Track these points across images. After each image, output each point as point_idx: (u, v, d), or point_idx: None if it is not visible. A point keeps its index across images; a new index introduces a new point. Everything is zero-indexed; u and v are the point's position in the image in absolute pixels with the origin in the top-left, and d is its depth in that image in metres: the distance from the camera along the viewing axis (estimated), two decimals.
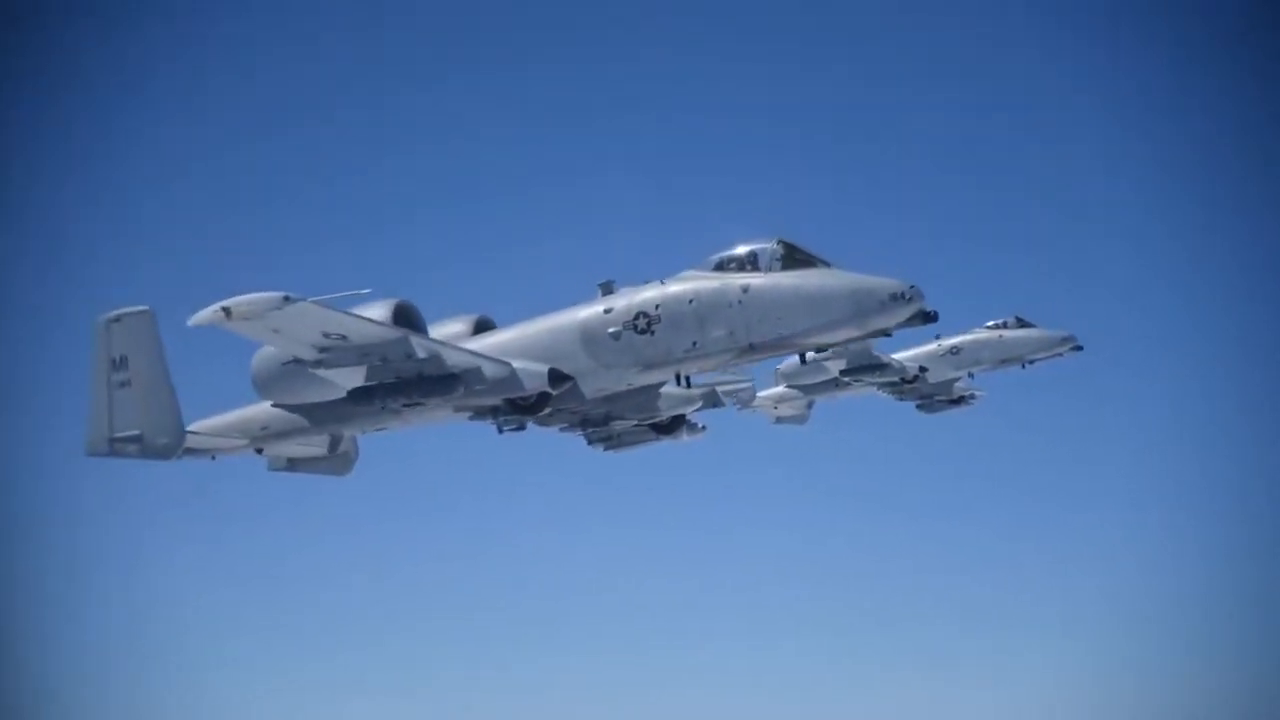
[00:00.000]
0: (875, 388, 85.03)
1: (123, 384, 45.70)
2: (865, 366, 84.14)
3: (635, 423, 47.54)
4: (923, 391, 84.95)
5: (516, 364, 42.56)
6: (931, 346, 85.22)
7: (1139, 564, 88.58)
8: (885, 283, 39.86)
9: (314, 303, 39.55)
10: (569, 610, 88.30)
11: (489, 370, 42.48)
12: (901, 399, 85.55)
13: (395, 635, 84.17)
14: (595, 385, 43.46)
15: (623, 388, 44.10)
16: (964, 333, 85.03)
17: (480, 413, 44.94)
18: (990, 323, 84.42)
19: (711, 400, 47.59)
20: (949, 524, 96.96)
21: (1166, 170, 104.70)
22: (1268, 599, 79.77)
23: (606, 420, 47.24)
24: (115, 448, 45.89)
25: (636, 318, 42.12)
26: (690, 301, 41.54)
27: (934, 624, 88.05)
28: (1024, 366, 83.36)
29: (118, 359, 45.71)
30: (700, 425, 49.89)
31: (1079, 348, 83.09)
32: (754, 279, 40.96)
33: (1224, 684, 74.64)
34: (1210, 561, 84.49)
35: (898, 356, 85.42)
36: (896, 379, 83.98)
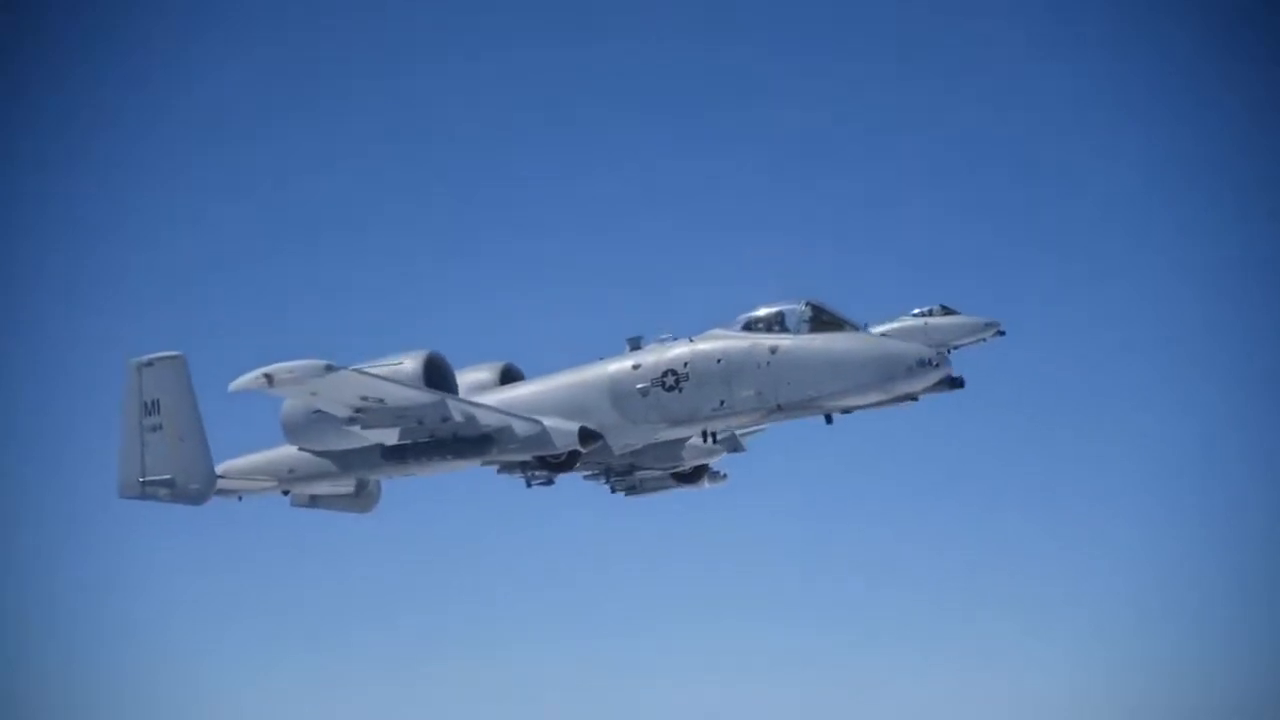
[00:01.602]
0: None
1: (154, 428, 43.99)
2: None
3: (659, 472, 46.42)
4: None
5: (548, 422, 41.22)
6: None
7: (1066, 548, 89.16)
8: (913, 348, 39.07)
9: (354, 371, 39.06)
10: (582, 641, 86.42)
11: (520, 429, 41.23)
12: None
13: (411, 668, 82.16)
14: (623, 440, 42.12)
15: (649, 442, 42.95)
16: (891, 320, 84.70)
17: (509, 467, 43.74)
18: (916, 310, 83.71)
19: (732, 445, 46.51)
20: (882, 507, 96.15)
21: (1100, 157, 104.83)
22: (1197, 583, 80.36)
23: (631, 470, 46.14)
24: (147, 490, 44.21)
25: (665, 375, 40.84)
26: (719, 361, 40.29)
27: (894, 610, 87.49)
28: (950, 352, 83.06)
29: (150, 403, 44.00)
30: (722, 473, 48.75)
31: (1002, 333, 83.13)
32: (782, 340, 39.76)
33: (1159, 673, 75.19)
34: (1138, 545, 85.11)
35: None
36: None
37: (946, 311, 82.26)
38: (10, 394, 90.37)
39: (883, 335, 78.88)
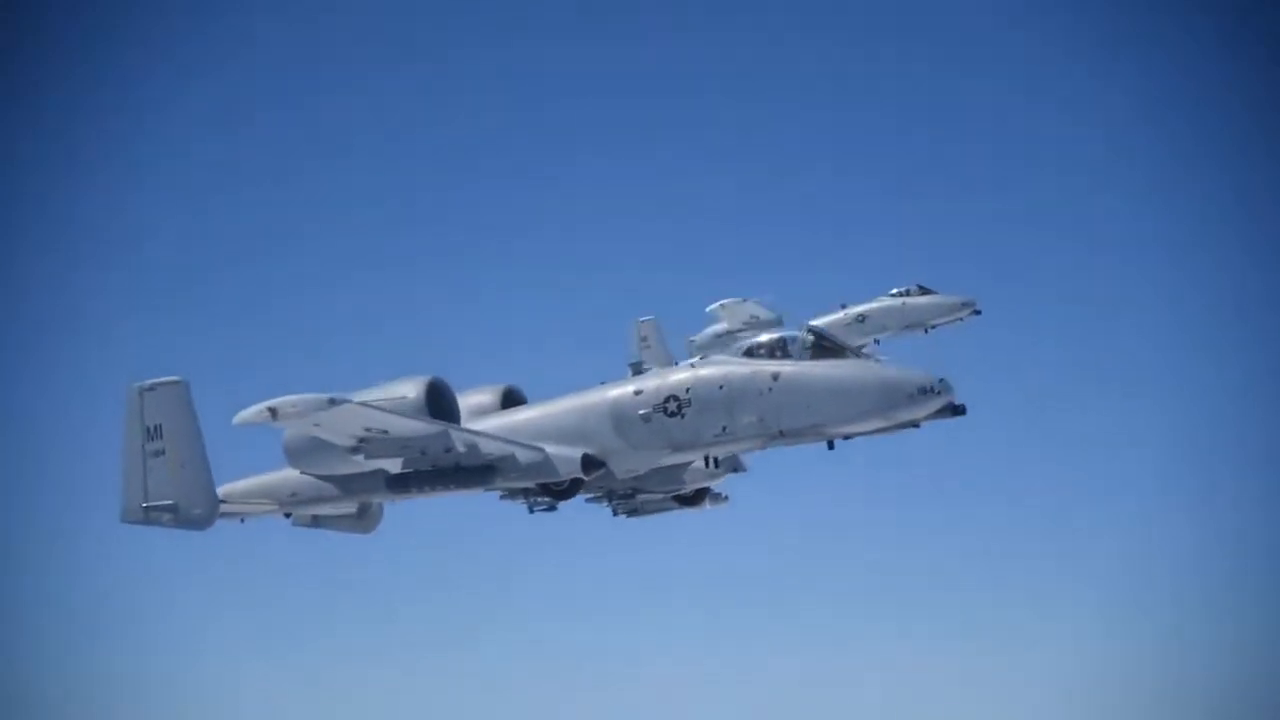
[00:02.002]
0: None
1: (157, 453, 43.12)
2: None
3: (660, 495, 46.13)
4: None
5: (550, 449, 41.02)
6: (839, 315, 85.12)
7: (1034, 524, 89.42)
8: (914, 376, 38.67)
9: (358, 405, 39.02)
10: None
11: (523, 457, 41.03)
12: None
13: (412, 684, 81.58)
14: (625, 466, 41.92)
15: (652, 467, 42.66)
16: (869, 300, 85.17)
17: (512, 493, 43.60)
18: (894, 290, 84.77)
19: (733, 464, 46.24)
20: (883, 524, 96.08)
21: (1066, 136, 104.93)
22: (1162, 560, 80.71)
23: (633, 493, 45.86)
24: (150, 516, 43.43)
25: (667, 400, 40.59)
26: (721, 387, 40.06)
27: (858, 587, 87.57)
28: (927, 331, 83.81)
29: (152, 428, 43.15)
30: (723, 495, 48.37)
31: (978, 312, 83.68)
32: (784, 367, 39.57)
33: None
34: (1105, 520, 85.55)
35: None
36: None
37: (924, 291, 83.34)
38: (12, 413, 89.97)
39: (859, 312, 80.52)
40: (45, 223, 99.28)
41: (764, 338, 40.81)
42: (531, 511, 43.50)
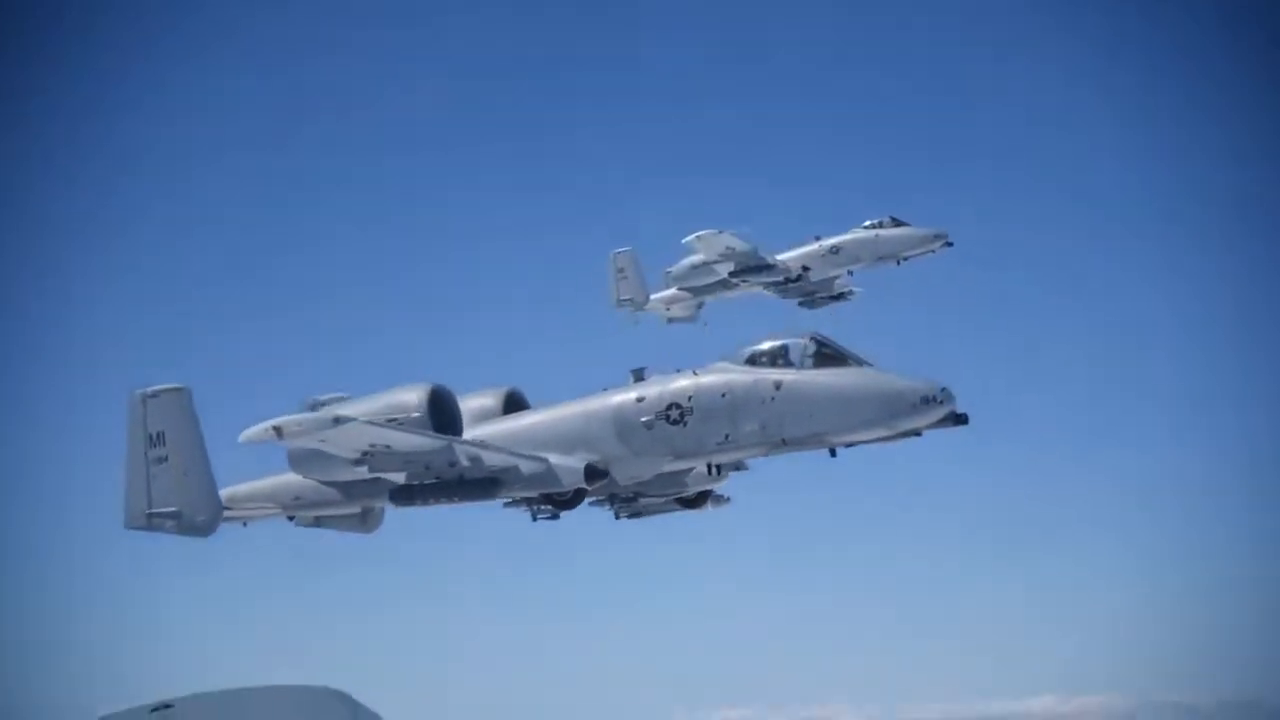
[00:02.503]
0: (761, 287, 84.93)
1: (160, 460, 42.79)
2: (752, 268, 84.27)
3: (663, 498, 45.97)
4: (805, 289, 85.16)
5: (553, 459, 40.84)
6: (813, 247, 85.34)
7: (1003, 458, 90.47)
8: (917, 385, 38.47)
9: (362, 423, 38.86)
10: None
11: (526, 468, 40.85)
12: (785, 297, 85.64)
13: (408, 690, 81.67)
14: (628, 473, 41.75)
15: (654, 474, 42.54)
16: (843, 233, 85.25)
17: (515, 501, 43.29)
18: (867, 222, 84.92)
19: (733, 464, 46.18)
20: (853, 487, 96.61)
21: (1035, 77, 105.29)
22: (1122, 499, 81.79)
23: (635, 497, 45.70)
24: (153, 522, 43.10)
25: (669, 408, 40.47)
26: (723, 395, 39.99)
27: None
28: (899, 263, 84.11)
29: (155, 435, 42.83)
30: (725, 497, 47.90)
31: (950, 244, 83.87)
32: (787, 375, 39.44)
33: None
34: (1068, 455, 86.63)
35: (781, 257, 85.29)
36: (781, 279, 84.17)
37: (897, 224, 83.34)
38: (15, 419, 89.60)
39: (833, 244, 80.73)
40: (47, 230, 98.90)
41: (765, 345, 40.46)
42: (534, 520, 43.39)
